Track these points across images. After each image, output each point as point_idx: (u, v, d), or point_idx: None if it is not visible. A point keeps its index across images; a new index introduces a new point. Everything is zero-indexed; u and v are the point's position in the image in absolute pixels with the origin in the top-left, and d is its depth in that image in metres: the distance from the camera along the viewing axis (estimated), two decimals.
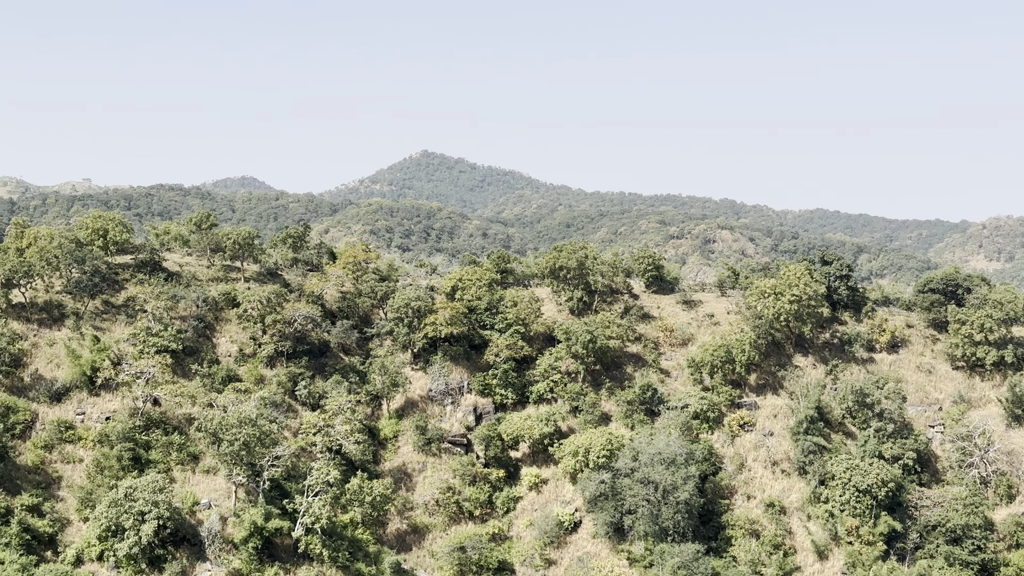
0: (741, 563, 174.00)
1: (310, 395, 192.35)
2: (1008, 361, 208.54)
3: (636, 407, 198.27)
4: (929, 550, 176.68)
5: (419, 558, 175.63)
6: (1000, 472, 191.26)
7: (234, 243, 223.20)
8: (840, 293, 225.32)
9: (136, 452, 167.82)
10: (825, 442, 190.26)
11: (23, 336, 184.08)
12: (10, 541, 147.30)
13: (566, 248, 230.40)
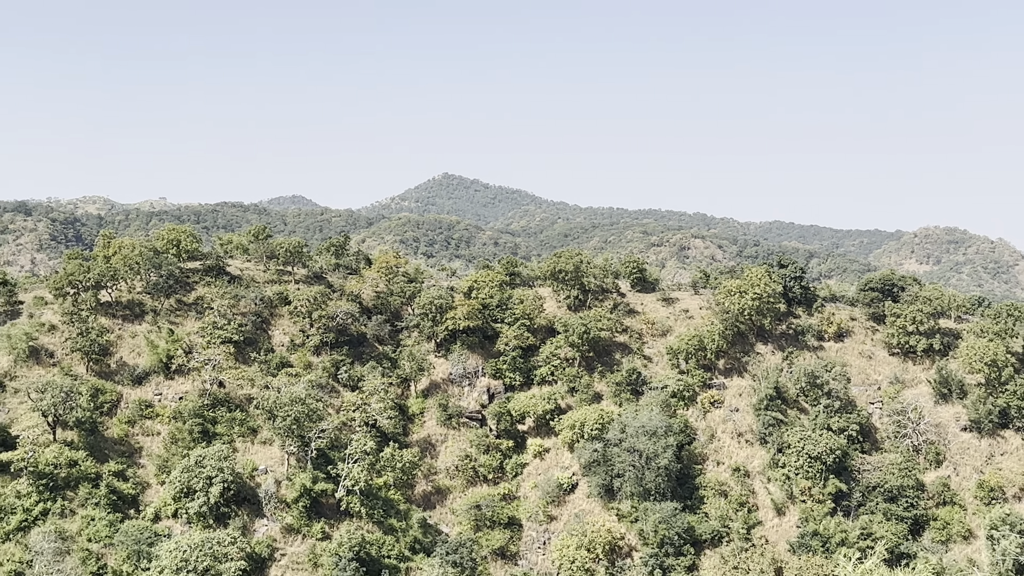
0: (712, 518, 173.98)
1: (350, 378, 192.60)
2: (936, 348, 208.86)
3: (623, 388, 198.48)
4: (870, 507, 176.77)
5: (442, 515, 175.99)
6: (929, 441, 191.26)
7: (286, 251, 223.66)
8: (794, 291, 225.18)
9: (204, 426, 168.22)
10: (782, 417, 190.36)
11: (110, 330, 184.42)
12: (99, 501, 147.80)
13: (564, 255, 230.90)
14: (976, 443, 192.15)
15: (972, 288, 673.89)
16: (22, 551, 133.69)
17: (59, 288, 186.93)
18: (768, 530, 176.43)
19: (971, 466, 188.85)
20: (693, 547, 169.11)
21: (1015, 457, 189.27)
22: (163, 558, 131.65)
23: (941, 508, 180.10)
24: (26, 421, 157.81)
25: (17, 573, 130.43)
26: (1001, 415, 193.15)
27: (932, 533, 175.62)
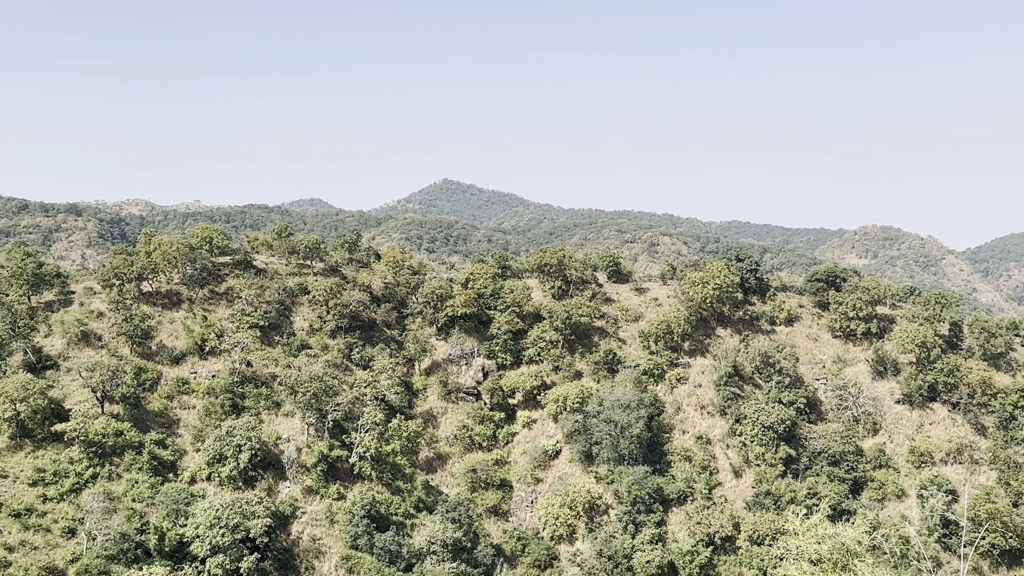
0: (678, 480, 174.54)
1: (362, 359, 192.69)
2: (873, 331, 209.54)
3: (601, 366, 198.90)
4: (815, 470, 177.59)
5: (442, 477, 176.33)
6: (867, 413, 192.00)
7: (305, 247, 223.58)
8: (750, 282, 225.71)
9: (234, 401, 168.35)
10: (739, 391, 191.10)
11: (151, 316, 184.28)
12: (142, 466, 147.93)
13: (549, 250, 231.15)
14: (908, 414, 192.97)
15: (905, 279, 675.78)
16: (75, 510, 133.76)
17: (106, 280, 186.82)
18: (727, 490, 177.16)
19: (903, 434, 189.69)
20: (662, 505, 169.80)
21: (942, 426, 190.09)
22: (198, 516, 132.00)
23: (877, 471, 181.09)
24: (77, 396, 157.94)
25: (70, 529, 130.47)
26: (930, 390, 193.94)
27: (869, 492, 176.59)
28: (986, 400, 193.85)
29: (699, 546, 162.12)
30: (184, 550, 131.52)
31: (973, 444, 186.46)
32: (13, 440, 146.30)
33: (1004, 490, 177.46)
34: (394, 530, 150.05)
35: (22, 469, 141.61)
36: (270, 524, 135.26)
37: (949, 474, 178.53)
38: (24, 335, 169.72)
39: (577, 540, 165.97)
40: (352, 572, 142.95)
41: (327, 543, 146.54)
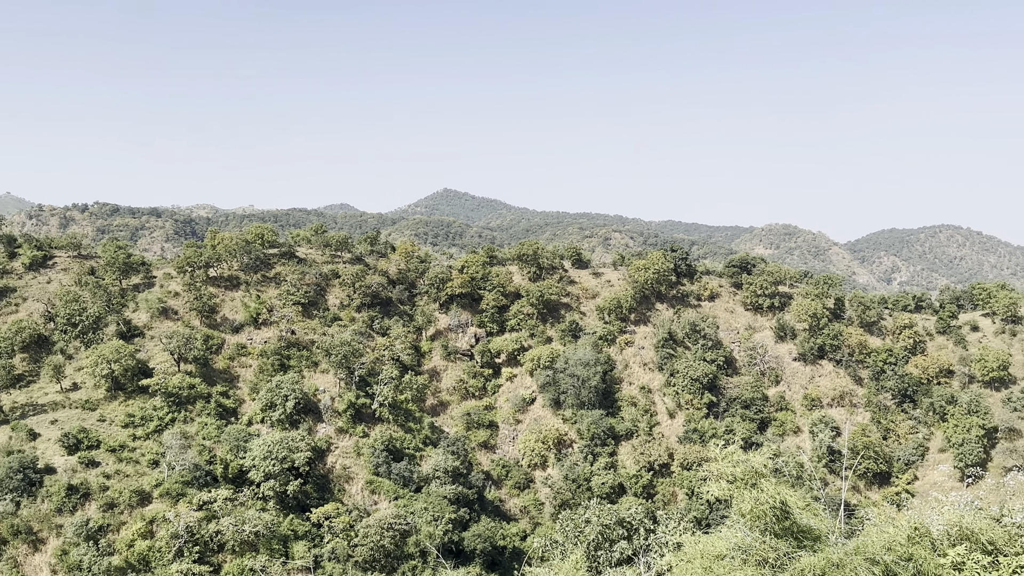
0: (626, 420, 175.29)
1: (381, 328, 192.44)
2: (776, 305, 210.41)
3: (566, 333, 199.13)
4: (731, 412, 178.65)
5: (444, 420, 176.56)
6: (771, 368, 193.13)
7: (336, 241, 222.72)
8: (681, 268, 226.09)
9: (281, 361, 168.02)
10: (673, 352, 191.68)
11: (216, 295, 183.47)
12: (210, 412, 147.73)
13: (526, 243, 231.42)
14: (802, 368, 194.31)
15: (800, 265, 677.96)
16: (157, 446, 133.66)
17: (181, 267, 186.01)
18: (664, 428, 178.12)
19: (799, 384, 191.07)
20: (613, 440, 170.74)
21: (828, 378, 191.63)
22: (254, 450, 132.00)
23: (779, 412, 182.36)
24: (159, 358, 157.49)
25: (154, 461, 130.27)
26: (819, 350, 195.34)
27: (773, 429, 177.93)
28: (862, 357, 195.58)
29: (642, 471, 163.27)
30: (243, 477, 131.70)
31: (852, 392, 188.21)
32: (109, 392, 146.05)
33: (875, 427, 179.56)
34: (407, 460, 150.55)
35: (116, 415, 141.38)
36: (310, 456, 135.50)
37: (834, 415, 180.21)
38: (117, 310, 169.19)
39: (548, 467, 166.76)
40: (375, 492, 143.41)
41: (355, 470, 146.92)
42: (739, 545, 23.92)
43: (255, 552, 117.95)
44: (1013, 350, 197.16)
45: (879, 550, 22.55)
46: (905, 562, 22.49)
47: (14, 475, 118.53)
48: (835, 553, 22.46)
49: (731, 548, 24.10)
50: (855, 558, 22.07)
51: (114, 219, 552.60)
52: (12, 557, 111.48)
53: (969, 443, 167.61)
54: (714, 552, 24.15)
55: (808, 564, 21.96)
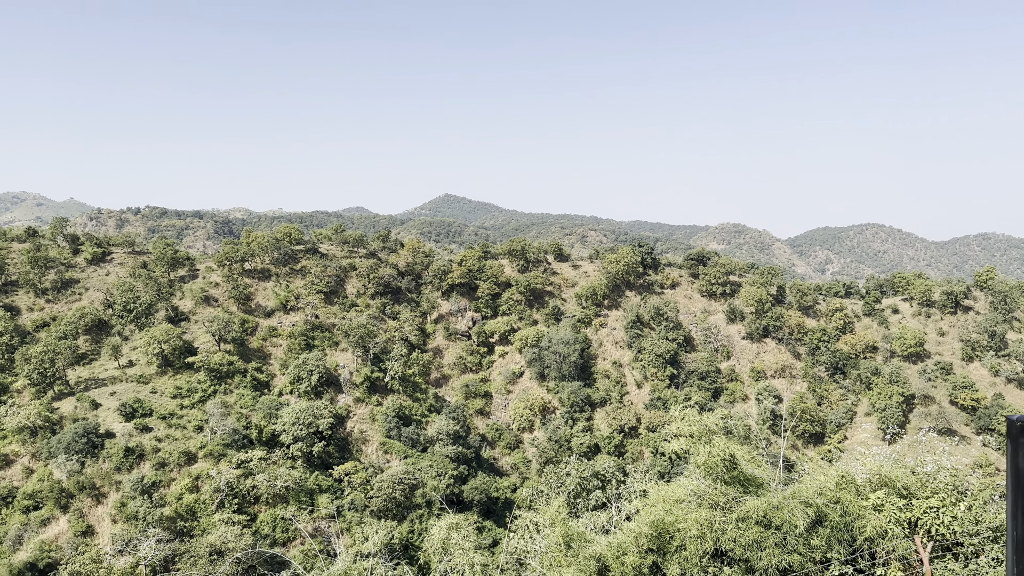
0: (601, 390, 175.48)
1: (392, 313, 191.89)
2: (727, 292, 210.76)
3: (550, 317, 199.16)
4: (690, 382, 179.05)
5: (446, 391, 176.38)
6: (723, 345, 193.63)
7: (353, 239, 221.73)
8: (647, 260, 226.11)
9: (307, 341, 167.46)
10: (640, 332, 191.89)
11: (250, 285, 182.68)
12: (246, 384, 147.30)
13: (515, 240, 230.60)
14: (750, 346, 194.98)
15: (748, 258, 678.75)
16: (202, 414, 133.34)
17: (220, 261, 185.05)
18: (632, 396, 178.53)
19: (747, 359, 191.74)
20: (590, 407, 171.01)
21: (772, 354, 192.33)
22: (284, 417, 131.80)
23: (730, 383, 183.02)
24: (202, 339, 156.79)
25: (199, 427, 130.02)
26: (764, 330, 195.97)
27: (724, 397, 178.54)
28: (800, 336, 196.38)
29: (614, 433, 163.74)
30: (275, 440, 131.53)
31: (792, 365, 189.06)
32: (160, 368, 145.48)
33: (811, 394, 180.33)
34: (414, 425, 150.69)
35: (166, 387, 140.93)
36: (332, 422, 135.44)
37: (776, 385, 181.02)
38: (166, 298, 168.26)
39: (535, 430, 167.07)
40: (387, 452, 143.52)
41: (370, 434, 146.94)
42: (695, 491, 24.14)
43: (286, 503, 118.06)
44: (928, 329, 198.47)
45: (812, 495, 22.83)
46: (834, 504, 22.78)
47: (79, 439, 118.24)
48: (775, 497, 22.72)
49: (688, 494, 24.32)
50: (791, 501, 22.33)
51: (162, 220, 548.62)
52: (78, 508, 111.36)
53: (890, 408, 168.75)
54: (674, 497, 24.37)
55: (752, 506, 22.20)
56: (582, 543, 24.87)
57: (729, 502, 23.02)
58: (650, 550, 22.89)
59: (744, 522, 22.09)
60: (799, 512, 21.82)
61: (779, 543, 21.79)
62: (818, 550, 22.59)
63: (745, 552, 21.71)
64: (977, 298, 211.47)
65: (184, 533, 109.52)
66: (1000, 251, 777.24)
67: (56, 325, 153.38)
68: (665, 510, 23.69)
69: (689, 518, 22.68)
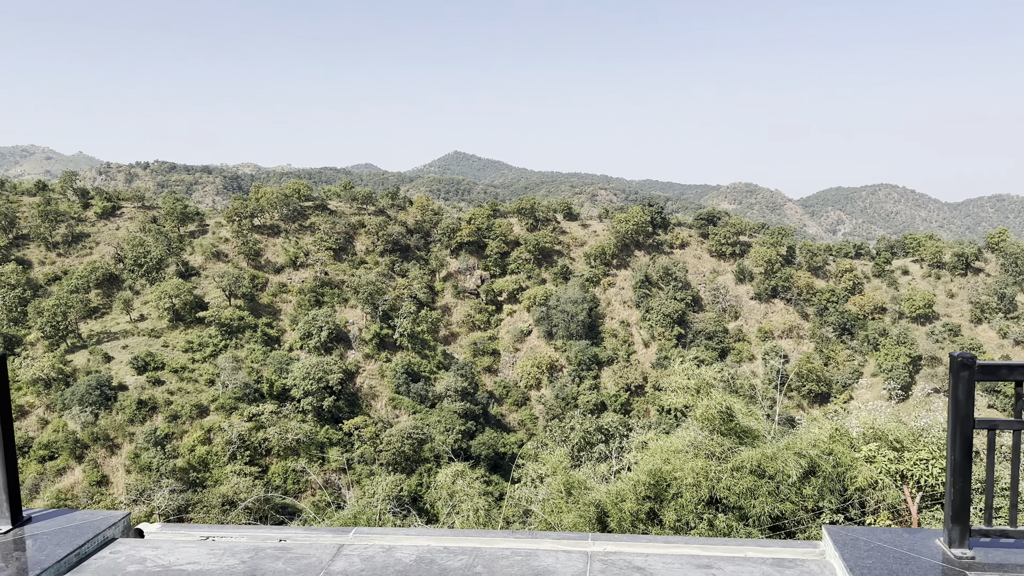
0: (608, 349, 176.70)
1: (400, 270, 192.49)
2: (737, 252, 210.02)
3: (558, 275, 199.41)
4: (697, 342, 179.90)
5: (454, 348, 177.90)
6: (732, 305, 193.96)
7: (362, 196, 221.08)
8: (657, 220, 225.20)
9: (317, 297, 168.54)
10: (648, 292, 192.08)
11: (260, 241, 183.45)
12: (257, 339, 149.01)
13: (524, 199, 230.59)
14: (758, 306, 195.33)
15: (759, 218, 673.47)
16: (213, 368, 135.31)
17: (230, 216, 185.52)
18: (639, 356, 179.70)
19: (755, 319, 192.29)
20: (597, 365, 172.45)
21: (779, 314, 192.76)
22: (295, 371, 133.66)
23: (737, 343, 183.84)
24: (212, 294, 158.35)
25: (210, 380, 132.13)
26: (772, 290, 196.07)
27: (731, 356, 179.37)
28: (809, 297, 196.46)
29: (620, 391, 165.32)
30: (286, 394, 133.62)
31: (799, 326, 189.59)
32: (171, 323, 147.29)
33: (818, 355, 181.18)
34: (423, 381, 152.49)
35: (178, 341, 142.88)
36: (342, 377, 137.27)
37: (783, 345, 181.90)
38: (176, 253, 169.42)
39: (542, 388, 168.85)
40: (396, 408, 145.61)
41: (379, 389, 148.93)
42: (692, 442, 24.91)
43: (296, 456, 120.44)
44: (937, 291, 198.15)
45: (806, 446, 23.59)
46: (827, 456, 23.54)
47: (93, 391, 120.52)
48: (769, 448, 23.50)
49: (686, 444, 25.11)
50: (785, 452, 23.10)
51: (171, 175, 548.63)
52: (93, 459, 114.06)
53: (897, 369, 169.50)
54: (672, 448, 25.18)
55: (747, 457, 22.97)
56: (583, 491, 25.81)
57: (725, 452, 23.80)
58: (647, 497, 23.78)
59: (739, 471, 22.88)
60: (792, 462, 22.58)
61: (772, 492, 22.61)
62: (810, 499, 23.39)
63: (739, 500, 22.53)
64: (988, 260, 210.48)
65: (197, 484, 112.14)
66: (1014, 212, 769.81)
67: (67, 279, 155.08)
68: (663, 460, 24.53)
69: (686, 467, 23.48)
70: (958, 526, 6.37)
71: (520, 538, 7.05)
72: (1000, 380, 6.24)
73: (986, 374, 6.19)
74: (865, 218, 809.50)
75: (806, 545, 6.97)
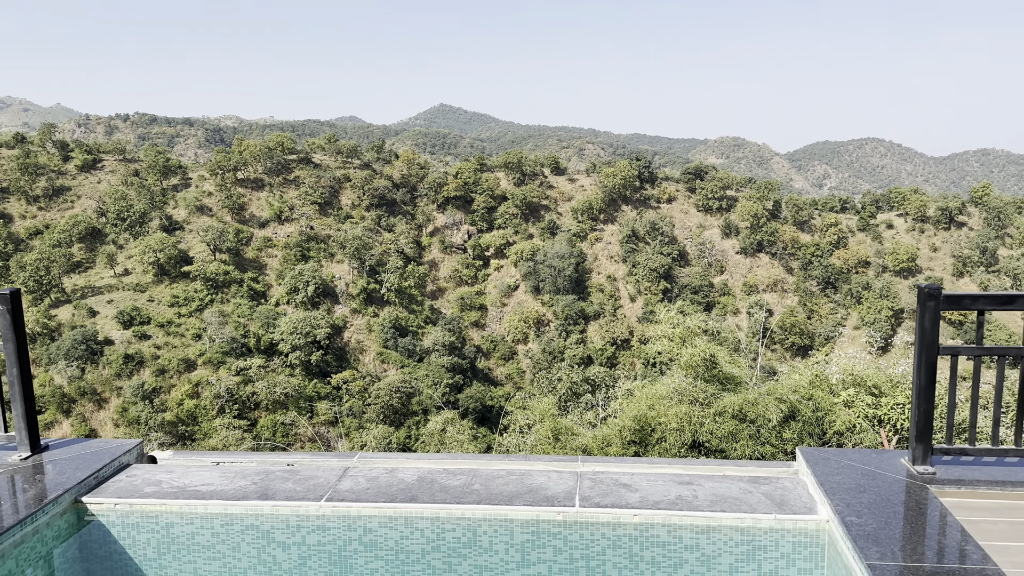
0: (595, 304, 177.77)
1: (387, 225, 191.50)
2: (724, 207, 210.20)
3: (546, 230, 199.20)
4: (683, 296, 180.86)
5: (442, 303, 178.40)
6: (717, 260, 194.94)
7: (347, 149, 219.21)
8: (644, 175, 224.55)
9: (303, 252, 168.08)
10: (635, 247, 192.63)
11: (244, 195, 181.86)
12: (243, 294, 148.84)
13: (512, 153, 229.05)
14: (743, 260, 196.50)
15: (746, 173, 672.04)
16: (199, 322, 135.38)
17: (213, 170, 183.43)
18: (626, 310, 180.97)
19: (740, 273, 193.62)
20: (583, 320, 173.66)
21: (764, 268, 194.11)
22: (282, 326, 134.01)
23: (722, 297, 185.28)
24: (197, 248, 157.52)
25: (197, 335, 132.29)
26: (758, 245, 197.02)
27: (717, 310, 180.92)
28: (794, 251, 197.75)
29: (607, 345, 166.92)
30: (273, 348, 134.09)
31: (784, 280, 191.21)
32: (156, 277, 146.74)
33: (802, 308, 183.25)
34: (411, 336, 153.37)
35: (163, 296, 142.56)
36: (329, 332, 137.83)
37: (768, 299, 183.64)
38: (159, 207, 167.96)
39: (529, 342, 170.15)
40: (384, 362, 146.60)
41: (367, 344, 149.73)
42: (676, 389, 25.58)
43: (285, 409, 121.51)
44: (921, 245, 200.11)
45: (786, 392, 24.32)
46: (807, 400, 24.30)
47: (78, 345, 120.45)
48: (751, 394, 24.21)
49: (670, 391, 25.79)
50: (766, 397, 23.82)
51: (152, 128, 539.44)
52: (80, 413, 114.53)
53: (879, 322, 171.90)
54: (657, 395, 25.86)
55: (729, 402, 23.68)
56: (570, 436, 26.55)
57: (708, 398, 24.50)
58: (632, 442, 24.51)
59: (721, 416, 23.60)
60: (773, 407, 23.31)
61: (753, 435, 23.38)
62: (790, 443, 24.20)
63: (721, 443, 23.29)
64: (971, 214, 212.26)
65: (186, 437, 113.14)
66: (998, 167, 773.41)
67: (49, 233, 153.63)
68: (648, 406, 25.22)
69: (670, 412, 24.18)
70: (921, 445, 6.89)
71: (515, 461, 7.54)
72: (964, 309, 6.70)
73: (951, 303, 6.65)
74: (851, 172, 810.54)
75: (781, 465, 7.50)
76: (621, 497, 6.76)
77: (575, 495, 6.76)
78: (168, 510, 6.82)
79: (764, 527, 6.47)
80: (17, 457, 7.64)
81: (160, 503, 6.84)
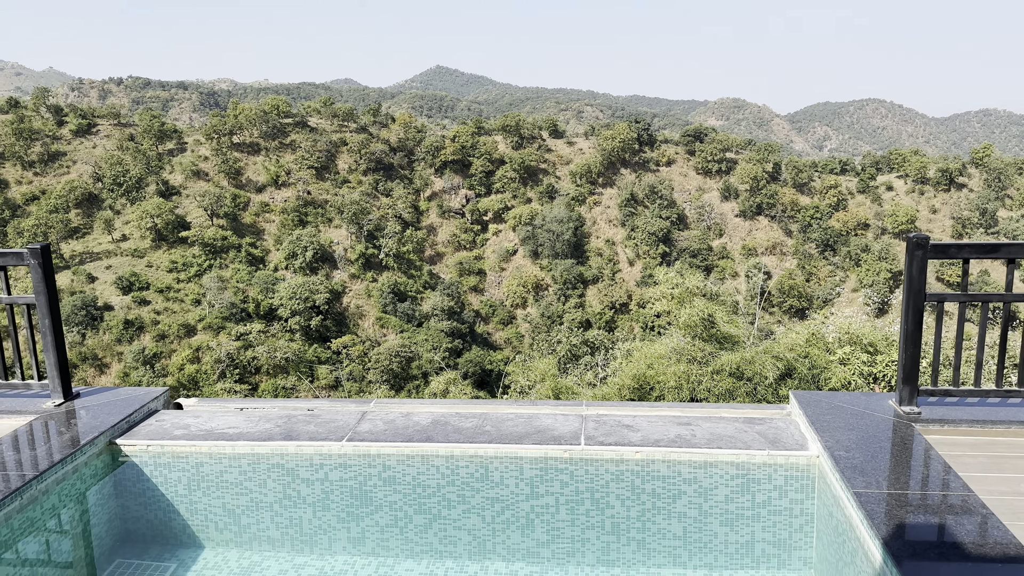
0: (593, 268, 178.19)
1: (384, 189, 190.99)
2: (723, 170, 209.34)
3: (544, 194, 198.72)
4: (682, 259, 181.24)
5: (440, 268, 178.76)
6: (716, 223, 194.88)
7: (343, 112, 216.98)
8: (643, 137, 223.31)
9: (300, 217, 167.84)
10: (634, 210, 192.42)
11: (240, 160, 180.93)
12: (241, 259, 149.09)
13: (509, 115, 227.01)
14: (743, 223, 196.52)
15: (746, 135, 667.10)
16: (198, 288, 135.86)
17: (208, 134, 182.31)
18: (625, 275, 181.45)
19: (739, 237, 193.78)
20: (582, 284, 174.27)
21: (764, 231, 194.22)
22: (281, 291, 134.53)
23: (721, 260, 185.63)
24: (195, 213, 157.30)
25: (196, 300, 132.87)
26: (757, 208, 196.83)
27: (715, 273, 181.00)
28: (793, 214, 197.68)
29: (605, 309, 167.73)
30: (273, 313, 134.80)
31: (783, 242, 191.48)
32: (154, 243, 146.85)
33: (800, 271, 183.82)
34: (409, 301, 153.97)
35: (162, 261, 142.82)
36: (329, 297, 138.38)
37: (767, 262, 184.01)
38: (155, 172, 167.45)
39: (528, 307, 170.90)
40: (384, 327, 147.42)
41: (366, 309, 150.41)
42: (675, 348, 26.10)
43: (286, 374, 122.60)
44: (920, 207, 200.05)
45: (783, 350, 24.82)
46: (803, 359, 24.81)
47: (78, 311, 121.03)
48: (748, 352, 24.72)
49: (669, 351, 26.31)
50: (763, 355, 24.33)
51: (146, 92, 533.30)
52: (82, 378, 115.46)
53: (878, 284, 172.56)
54: (656, 354, 26.39)
55: (726, 360, 24.20)
56: (570, 395, 27.12)
57: (706, 357, 25.02)
58: (631, 399, 25.08)
59: (719, 374, 24.14)
60: (770, 365, 23.83)
61: (750, 392, 23.94)
62: (786, 399, 24.80)
63: (718, 400, 23.86)
64: (972, 175, 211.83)
65: None
66: (1000, 128, 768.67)
67: (46, 198, 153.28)
68: (647, 365, 25.75)
69: (668, 371, 24.71)
70: (908, 387, 7.34)
71: (523, 405, 8.00)
72: (950, 258, 7.09)
73: (938, 252, 7.04)
74: (852, 134, 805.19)
75: (774, 407, 7.96)
76: (623, 436, 7.25)
77: (580, 435, 7.25)
78: (198, 451, 7.29)
79: (758, 462, 6.95)
80: (51, 403, 8.10)
81: (190, 444, 7.31)
